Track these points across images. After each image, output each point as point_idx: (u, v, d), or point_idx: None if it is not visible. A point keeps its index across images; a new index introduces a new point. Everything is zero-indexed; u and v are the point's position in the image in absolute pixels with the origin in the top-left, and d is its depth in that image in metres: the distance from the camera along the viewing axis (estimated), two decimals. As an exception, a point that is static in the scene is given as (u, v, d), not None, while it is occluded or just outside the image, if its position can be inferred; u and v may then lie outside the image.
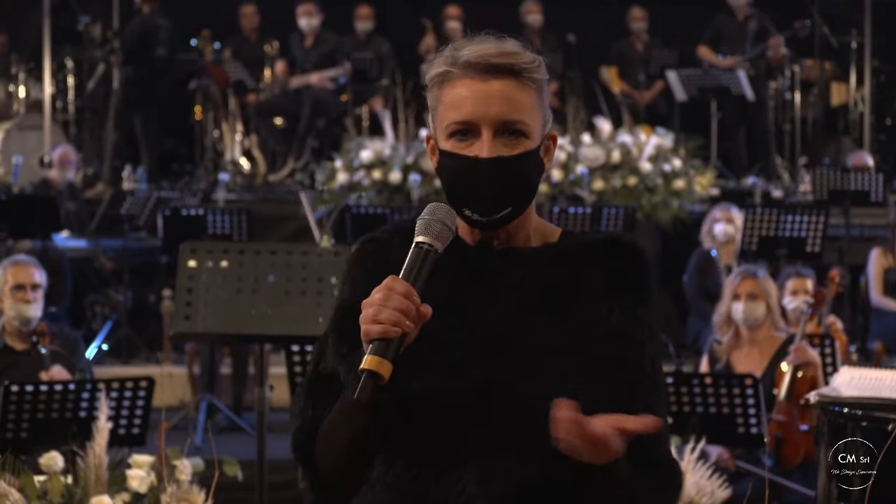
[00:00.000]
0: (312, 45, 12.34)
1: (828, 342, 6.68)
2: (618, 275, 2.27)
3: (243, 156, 12.35)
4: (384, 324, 2.09)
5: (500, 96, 2.21)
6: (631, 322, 2.25)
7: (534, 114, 2.24)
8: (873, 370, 5.05)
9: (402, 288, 2.11)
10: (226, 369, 8.95)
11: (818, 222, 8.95)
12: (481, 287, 2.25)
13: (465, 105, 2.22)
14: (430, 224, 2.18)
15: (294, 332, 4.89)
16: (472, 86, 2.22)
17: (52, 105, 12.55)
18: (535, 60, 2.24)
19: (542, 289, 2.25)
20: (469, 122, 2.22)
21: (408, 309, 2.10)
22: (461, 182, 2.23)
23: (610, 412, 2.14)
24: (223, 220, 9.26)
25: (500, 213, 2.23)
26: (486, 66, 2.21)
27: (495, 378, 2.19)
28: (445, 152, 2.25)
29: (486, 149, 2.21)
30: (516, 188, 2.24)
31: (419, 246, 2.17)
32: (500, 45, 2.23)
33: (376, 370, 2.08)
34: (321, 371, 2.31)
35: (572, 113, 11.23)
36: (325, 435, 2.26)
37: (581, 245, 2.30)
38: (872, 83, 13.04)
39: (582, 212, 9.40)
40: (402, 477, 2.21)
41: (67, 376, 5.99)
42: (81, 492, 5.40)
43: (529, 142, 2.24)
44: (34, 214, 9.31)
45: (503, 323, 2.23)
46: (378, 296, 2.11)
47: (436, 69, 2.25)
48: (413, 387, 2.18)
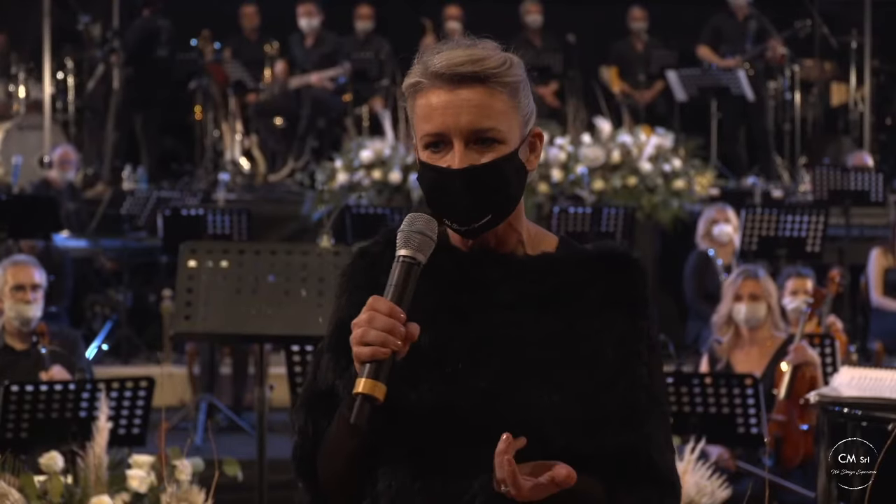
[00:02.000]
0: (313, 45, 12.34)
1: (828, 342, 6.68)
2: (617, 287, 2.26)
3: (243, 156, 12.35)
4: (372, 345, 2.08)
5: (468, 105, 2.19)
6: (630, 333, 2.25)
7: (507, 117, 2.21)
8: (873, 370, 5.05)
9: (385, 308, 2.10)
10: (226, 369, 8.95)
11: (818, 222, 8.95)
12: (478, 295, 2.25)
13: (436, 116, 2.20)
14: (409, 236, 2.17)
15: (294, 332, 4.89)
16: (441, 96, 2.20)
17: (52, 105, 12.55)
18: (506, 62, 2.22)
19: (541, 299, 2.24)
20: (440, 134, 2.21)
21: (393, 328, 2.09)
22: (437, 193, 2.22)
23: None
24: (223, 220, 9.26)
25: (480, 221, 2.22)
26: (453, 75, 2.19)
27: (496, 388, 2.18)
28: (422, 163, 2.24)
29: (457, 159, 2.19)
30: (492, 195, 2.21)
31: (402, 260, 2.16)
32: (468, 52, 2.21)
33: (370, 393, 2.08)
34: (319, 386, 2.30)
35: (572, 113, 11.23)
36: (325, 450, 2.26)
37: (579, 256, 2.30)
38: (872, 83, 13.04)
39: (582, 212, 9.40)
40: (406, 489, 2.20)
41: (67, 376, 5.99)
42: (81, 492, 5.40)
43: (504, 147, 2.21)
44: (34, 214, 9.30)
45: (502, 331, 2.22)
46: (363, 317, 2.11)
47: (409, 80, 2.25)
48: (412, 398, 2.18)
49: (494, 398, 2.18)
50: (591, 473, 2.16)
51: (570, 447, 2.15)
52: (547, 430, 2.15)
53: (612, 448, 2.18)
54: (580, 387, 2.19)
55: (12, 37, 13.15)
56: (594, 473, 2.17)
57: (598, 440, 2.18)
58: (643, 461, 2.20)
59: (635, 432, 2.20)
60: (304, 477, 2.32)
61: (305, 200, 10.90)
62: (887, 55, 13.33)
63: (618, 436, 2.18)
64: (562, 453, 2.14)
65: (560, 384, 2.17)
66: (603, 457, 2.18)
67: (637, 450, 2.19)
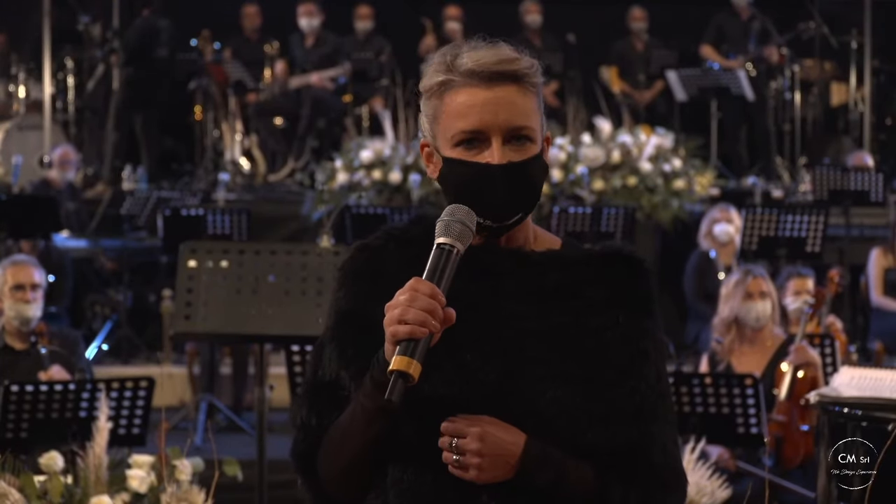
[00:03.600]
0: (313, 45, 12.34)
1: (828, 342, 6.68)
2: (623, 287, 2.28)
3: (243, 156, 12.34)
4: (411, 324, 2.09)
5: (506, 103, 2.21)
6: (636, 333, 2.26)
7: (536, 117, 2.26)
8: (873, 370, 5.05)
9: (427, 289, 2.12)
10: (226, 369, 8.95)
11: (818, 222, 8.95)
12: (488, 287, 2.26)
13: (473, 113, 2.21)
14: (450, 225, 2.18)
15: (294, 332, 4.89)
16: (477, 94, 2.21)
17: (52, 105, 12.55)
18: (533, 65, 2.25)
19: (548, 292, 2.26)
20: (477, 131, 2.22)
21: (434, 309, 2.10)
22: (472, 189, 2.23)
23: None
24: (223, 220, 9.26)
25: (512, 218, 2.24)
26: (489, 73, 2.21)
27: (504, 380, 2.19)
28: (453, 160, 2.24)
29: (496, 156, 2.21)
30: (526, 193, 2.25)
31: (441, 247, 2.17)
32: (497, 52, 2.24)
33: (406, 370, 2.08)
34: (321, 379, 2.29)
35: (572, 113, 11.23)
36: (334, 441, 2.25)
37: (585, 255, 2.32)
38: (872, 83, 13.03)
39: (582, 212, 9.39)
40: (416, 482, 2.20)
41: (66, 376, 5.98)
42: (81, 492, 5.39)
43: (535, 146, 2.25)
44: (34, 214, 9.30)
45: (510, 323, 2.23)
46: (403, 297, 2.11)
47: (434, 78, 2.25)
48: (425, 390, 2.17)
49: (502, 390, 2.19)
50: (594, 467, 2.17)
51: (576, 440, 2.17)
52: (553, 423, 2.16)
53: (617, 443, 2.19)
54: (586, 381, 2.20)
55: (12, 37, 13.15)
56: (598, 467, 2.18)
57: (605, 435, 2.19)
58: (649, 458, 2.21)
59: (642, 429, 2.21)
60: (306, 472, 2.30)
61: (305, 200, 10.90)
62: (887, 55, 13.33)
63: (625, 432, 2.20)
64: (567, 446, 2.15)
65: (566, 378, 2.18)
66: (608, 451, 2.19)
67: (643, 446, 2.20)
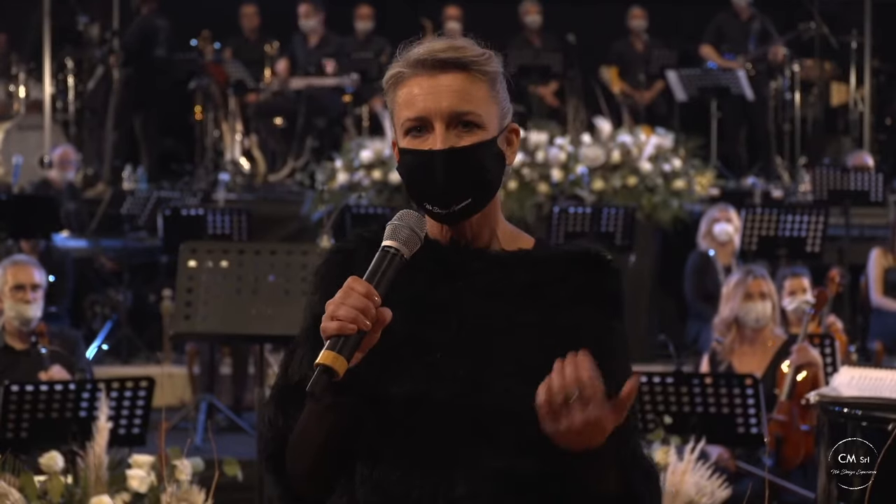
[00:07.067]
0: (316, 45, 12.34)
1: (828, 342, 6.68)
2: (590, 285, 2.30)
3: (243, 156, 12.35)
4: (341, 320, 2.12)
5: (450, 90, 2.25)
6: (604, 331, 2.29)
7: (487, 105, 2.28)
8: (873, 370, 5.05)
9: (362, 288, 2.14)
10: (226, 369, 8.96)
11: (818, 222, 8.95)
12: (456, 286, 2.28)
13: (417, 101, 2.26)
14: (398, 229, 2.22)
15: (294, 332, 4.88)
16: (423, 82, 2.26)
17: (52, 105, 12.56)
18: (485, 54, 2.29)
19: (516, 291, 2.28)
20: (422, 118, 2.26)
21: (366, 308, 2.12)
22: (418, 175, 2.27)
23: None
24: (223, 220, 9.27)
25: (460, 204, 2.26)
26: (434, 61, 2.25)
27: (473, 378, 2.21)
28: (403, 149, 2.29)
29: (438, 141, 2.25)
30: (473, 178, 2.26)
31: (385, 250, 2.20)
32: (448, 41, 2.28)
33: (330, 365, 2.11)
34: (290, 379, 2.32)
35: (572, 113, 11.23)
36: (296, 438, 2.27)
37: (556, 255, 2.34)
38: (872, 83, 13.03)
39: (582, 212, 9.40)
40: (385, 479, 2.22)
41: (66, 376, 5.99)
42: (81, 492, 5.39)
43: (484, 132, 2.27)
44: (34, 214, 9.31)
45: (478, 322, 2.25)
46: (339, 294, 2.14)
47: (389, 73, 2.30)
48: (393, 390, 2.20)
49: (472, 388, 2.21)
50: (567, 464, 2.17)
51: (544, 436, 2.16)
52: (521, 419, 2.16)
53: None
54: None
55: (12, 37, 13.16)
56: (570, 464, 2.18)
57: None
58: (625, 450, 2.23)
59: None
60: (274, 470, 2.33)
61: (305, 200, 10.90)
62: (887, 55, 13.32)
63: None
64: (539, 443, 2.15)
65: (536, 374, 2.17)
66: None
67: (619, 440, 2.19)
